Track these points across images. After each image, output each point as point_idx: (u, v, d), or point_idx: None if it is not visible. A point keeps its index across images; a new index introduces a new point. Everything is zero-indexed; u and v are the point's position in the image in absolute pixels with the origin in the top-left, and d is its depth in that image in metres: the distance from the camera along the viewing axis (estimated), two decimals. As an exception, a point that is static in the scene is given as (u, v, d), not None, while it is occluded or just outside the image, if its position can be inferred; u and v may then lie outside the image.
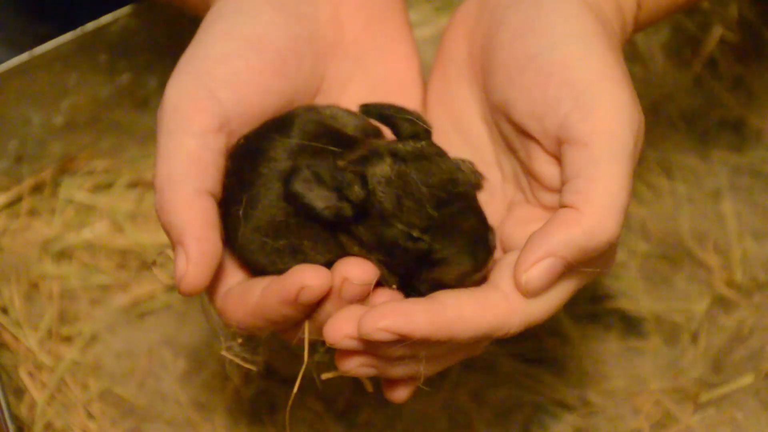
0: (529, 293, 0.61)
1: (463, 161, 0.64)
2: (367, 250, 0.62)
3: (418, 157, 0.61)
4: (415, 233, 0.60)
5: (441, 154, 0.62)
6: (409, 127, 0.63)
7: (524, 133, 0.64)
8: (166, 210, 0.60)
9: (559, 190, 0.62)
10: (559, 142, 0.62)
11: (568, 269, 0.60)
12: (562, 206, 0.61)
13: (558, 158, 0.62)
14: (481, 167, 0.66)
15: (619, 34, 0.66)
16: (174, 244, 0.60)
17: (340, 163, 0.61)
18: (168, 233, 0.61)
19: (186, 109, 0.62)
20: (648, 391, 0.81)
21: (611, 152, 0.60)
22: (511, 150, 0.66)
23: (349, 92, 0.69)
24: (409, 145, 0.62)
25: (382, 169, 0.61)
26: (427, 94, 0.71)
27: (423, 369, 0.61)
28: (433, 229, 0.60)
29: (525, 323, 0.61)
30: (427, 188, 0.60)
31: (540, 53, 0.62)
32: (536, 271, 0.60)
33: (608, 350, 0.84)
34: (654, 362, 0.84)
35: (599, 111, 0.61)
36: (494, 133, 0.67)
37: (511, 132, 0.65)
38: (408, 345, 0.59)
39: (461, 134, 0.69)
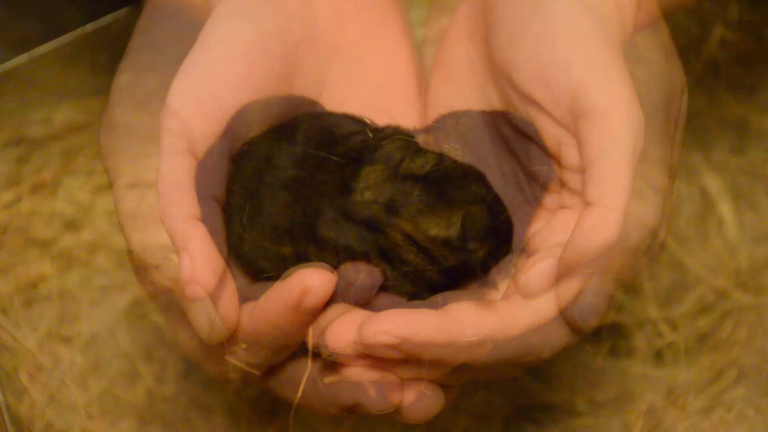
0: (528, 295, 0.61)
1: (455, 148, 0.65)
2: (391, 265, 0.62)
3: (433, 172, 0.61)
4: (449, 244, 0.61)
5: (452, 160, 0.62)
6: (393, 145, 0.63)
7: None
8: (169, 215, 0.61)
9: (558, 192, 0.63)
10: (559, 143, 0.62)
11: (567, 271, 0.60)
12: (562, 207, 0.61)
13: (558, 159, 0.62)
14: (481, 168, 0.66)
15: (618, 35, 0.66)
16: (178, 249, 0.60)
17: (366, 195, 0.61)
18: (171, 238, 0.61)
19: (188, 113, 0.62)
20: (639, 399, 0.81)
21: (611, 153, 0.60)
22: (511, 151, 0.66)
23: (351, 95, 0.69)
24: (420, 161, 0.62)
25: (403, 189, 0.61)
26: (427, 95, 0.71)
27: (426, 373, 0.61)
28: (465, 236, 0.61)
29: (527, 325, 0.61)
30: (454, 202, 0.61)
31: (539, 52, 0.63)
32: (534, 272, 0.60)
33: (598, 359, 0.84)
34: (645, 369, 0.84)
35: (598, 111, 0.61)
36: (494, 135, 0.67)
37: (515, 137, 0.65)
38: (410, 349, 0.60)
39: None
